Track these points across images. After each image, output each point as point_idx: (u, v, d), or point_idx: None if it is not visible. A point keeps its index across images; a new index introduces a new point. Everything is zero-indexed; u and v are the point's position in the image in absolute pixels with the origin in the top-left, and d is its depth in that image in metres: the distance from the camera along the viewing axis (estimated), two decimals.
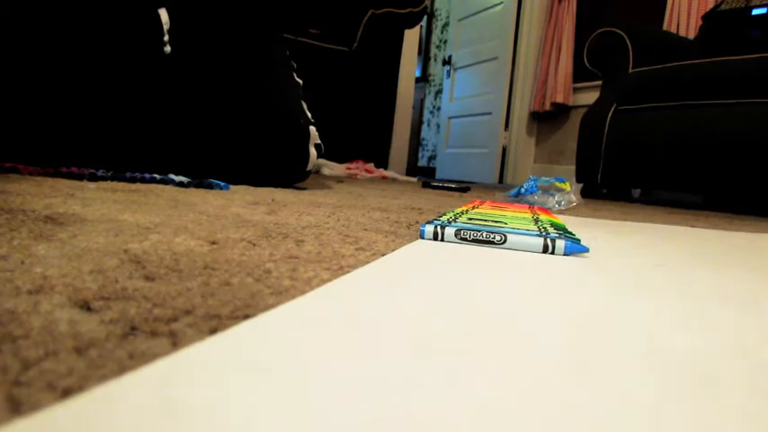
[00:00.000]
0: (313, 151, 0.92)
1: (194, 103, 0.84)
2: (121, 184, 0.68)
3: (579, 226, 0.64)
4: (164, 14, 0.85)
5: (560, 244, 0.39)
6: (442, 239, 0.41)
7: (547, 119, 3.08)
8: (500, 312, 0.22)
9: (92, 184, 0.64)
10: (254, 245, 0.33)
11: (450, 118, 3.71)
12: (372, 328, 0.18)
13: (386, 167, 2.35)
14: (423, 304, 0.22)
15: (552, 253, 0.39)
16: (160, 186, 0.70)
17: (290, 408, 0.12)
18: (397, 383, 0.14)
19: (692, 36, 2.14)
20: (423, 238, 0.42)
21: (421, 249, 0.37)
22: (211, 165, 0.85)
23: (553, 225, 0.50)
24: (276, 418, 0.11)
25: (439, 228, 0.41)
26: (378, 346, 0.17)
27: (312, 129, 0.92)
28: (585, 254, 0.40)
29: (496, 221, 0.49)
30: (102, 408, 0.11)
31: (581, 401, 0.14)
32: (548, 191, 1.01)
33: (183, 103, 0.84)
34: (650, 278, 0.33)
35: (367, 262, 0.31)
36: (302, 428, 0.11)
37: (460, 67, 3.55)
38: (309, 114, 0.94)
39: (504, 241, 0.40)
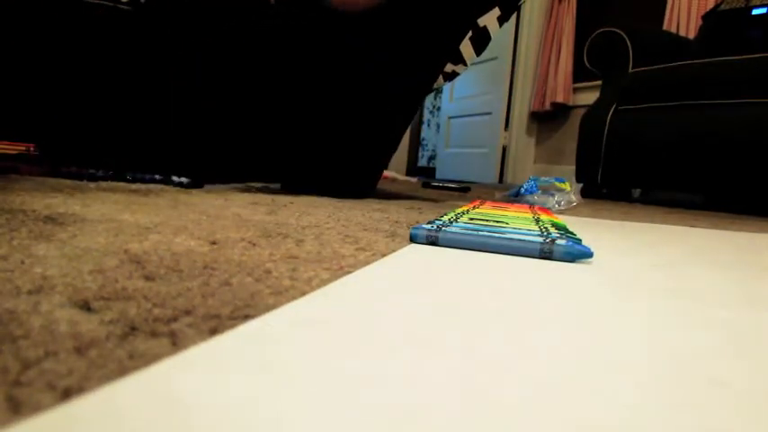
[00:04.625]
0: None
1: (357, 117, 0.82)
2: (121, 184, 0.68)
3: (580, 226, 0.64)
4: None
5: (561, 251, 0.37)
6: (436, 244, 0.39)
7: (547, 119, 3.08)
8: (501, 313, 0.22)
9: (92, 184, 0.64)
10: (254, 245, 0.33)
11: (450, 118, 3.70)
12: (373, 329, 0.18)
13: (386, 167, 2.35)
14: (423, 305, 0.22)
15: (552, 258, 0.37)
16: (160, 186, 0.70)
17: (294, 408, 0.12)
18: (398, 383, 0.14)
19: (692, 36, 2.14)
20: (415, 241, 0.40)
21: (420, 251, 0.37)
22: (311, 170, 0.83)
23: (554, 225, 0.50)
24: (279, 419, 0.11)
25: (433, 232, 0.39)
26: (378, 347, 0.17)
27: None
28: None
29: (498, 222, 0.49)
30: (104, 409, 0.11)
31: (583, 403, 0.14)
32: (548, 191, 1.01)
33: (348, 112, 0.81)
34: (652, 278, 0.33)
35: (367, 262, 0.31)
36: (306, 428, 0.11)
37: None
38: None
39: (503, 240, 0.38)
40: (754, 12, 1.51)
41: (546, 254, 0.37)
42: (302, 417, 0.12)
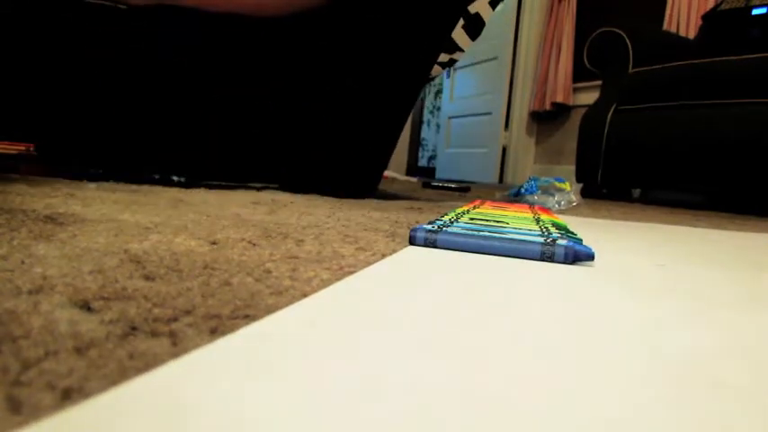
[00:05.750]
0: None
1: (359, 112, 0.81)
2: (121, 184, 0.68)
3: (580, 226, 0.64)
4: None
5: (563, 253, 0.36)
6: (435, 246, 0.38)
7: (547, 119, 3.08)
8: (503, 314, 0.22)
9: (92, 184, 0.64)
10: (254, 245, 0.33)
11: (450, 118, 3.70)
12: (374, 330, 0.18)
13: (386, 166, 2.35)
14: (424, 306, 0.22)
15: (552, 260, 0.36)
16: (160, 186, 0.70)
17: (294, 409, 0.12)
18: (399, 384, 0.14)
19: (692, 36, 2.14)
20: (414, 242, 0.39)
21: (420, 251, 0.37)
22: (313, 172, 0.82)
23: (555, 225, 0.50)
24: (279, 420, 0.11)
25: (433, 233, 0.39)
26: (379, 348, 0.17)
27: None
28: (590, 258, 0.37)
29: (498, 221, 0.49)
30: (103, 410, 0.11)
31: (584, 402, 0.14)
32: (547, 191, 1.01)
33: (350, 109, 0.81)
34: (653, 278, 0.33)
35: (367, 262, 0.31)
36: (306, 430, 0.11)
37: (460, 67, 3.55)
38: None
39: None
40: (754, 12, 1.51)
41: (547, 256, 0.36)
42: (302, 418, 0.12)
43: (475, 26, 0.87)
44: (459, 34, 0.87)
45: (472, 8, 0.85)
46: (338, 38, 0.80)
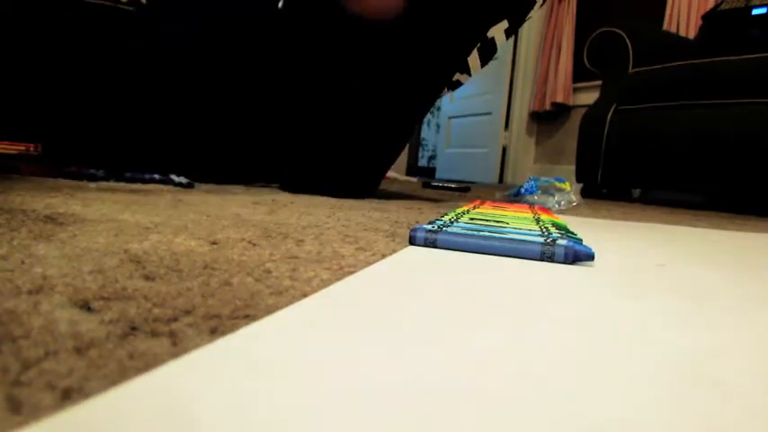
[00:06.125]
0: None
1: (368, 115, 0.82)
2: (121, 184, 0.68)
3: (580, 226, 0.64)
4: None
5: (563, 253, 0.36)
6: (435, 245, 0.38)
7: (547, 119, 3.08)
8: (502, 314, 0.22)
9: (92, 184, 0.64)
10: (254, 245, 0.33)
11: (450, 118, 3.70)
12: (373, 330, 0.18)
13: (388, 170, 2.35)
14: (424, 306, 0.22)
15: (552, 260, 0.36)
16: (160, 186, 0.70)
17: (293, 410, 0.12)
18: (399, 385, 0.14)
19: (692, 36, 2.14)
20: (414, 242, 0.39)
21: (420, 251, 0.37)
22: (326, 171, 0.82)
23: (555, 225, 0.50)
24: (279, 420, 0.11)
25: (433, 233, 0.38)
26: (378, 348, 0.17)
27: None
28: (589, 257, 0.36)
29: (498, 222, 0.49)
30: (102, 410, 0.11)
31: (585, 402, 0.14)
32: (547, 191, 1.01)
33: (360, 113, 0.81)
34: (653, 278, 0.33)
35: (367, 262, 0.31)
36: (308, 429, 0.11)
37: None
38: None
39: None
40: (754, 12, 1.51)
41: (547, 257, 0.36)
42: (302, 418, 0.12)
43: (488, 51, 0.88)
44: (472, 56, 0.88)
45: (489, 32, 0.85)
46: (368, 45, 0.80)
